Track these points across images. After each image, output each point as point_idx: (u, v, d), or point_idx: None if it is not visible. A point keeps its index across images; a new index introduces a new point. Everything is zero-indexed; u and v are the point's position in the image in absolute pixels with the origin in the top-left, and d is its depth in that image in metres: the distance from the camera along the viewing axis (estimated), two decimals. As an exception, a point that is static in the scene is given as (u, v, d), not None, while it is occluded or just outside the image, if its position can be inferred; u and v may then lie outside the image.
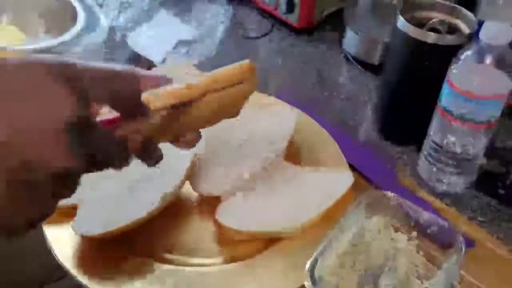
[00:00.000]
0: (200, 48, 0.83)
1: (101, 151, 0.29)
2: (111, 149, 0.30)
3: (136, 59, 0.81)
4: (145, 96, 0.34)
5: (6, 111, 0.24)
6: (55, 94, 0.26)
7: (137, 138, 0.34)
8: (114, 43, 0.84)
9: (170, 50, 0.82)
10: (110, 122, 0.32)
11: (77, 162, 0.27)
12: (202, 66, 0.77)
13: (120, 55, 0.83)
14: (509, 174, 0.63)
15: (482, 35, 0.49)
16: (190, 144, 0.41)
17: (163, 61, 0.80)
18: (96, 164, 0.29)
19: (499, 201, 0.60)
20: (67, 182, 0.28)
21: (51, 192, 0.27)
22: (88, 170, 0.29)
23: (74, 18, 0.70)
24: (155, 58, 0.80)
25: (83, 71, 0.28)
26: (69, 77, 0.27)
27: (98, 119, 0.32)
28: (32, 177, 0.25)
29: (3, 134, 0.24)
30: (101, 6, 0.80)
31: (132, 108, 0.32)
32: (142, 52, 0.81)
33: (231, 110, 0.46)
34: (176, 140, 0.40)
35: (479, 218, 0.58)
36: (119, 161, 0.31)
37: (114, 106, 0.31)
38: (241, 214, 0.51)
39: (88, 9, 0.74)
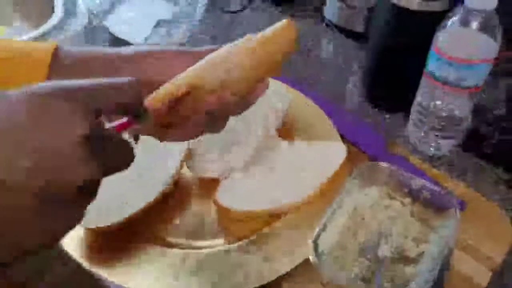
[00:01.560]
0: (180, 27, 0.82)
1: (115, 156, 0.30)
2: (123, 152, 0.31)
3: (116, 42, 0.80)
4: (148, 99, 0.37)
5: (23, 140, 0.26)
6: (64, 114, 0.27)
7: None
8: (93, 27, 0.82)
9: (150, 31, 0.80)
10: (121, 126, 0.34)
11: (96, 171, 0.28)
12: (184, 45, 0.76)
13: (100, 39, 0.81)
14: (494, 133, 0.65)
15: (468, 0, 0.50)
16: (247, 104, 0.41)
17: (145, 42, 0.79)
18: (111, 168, 0.30)
19: (486, 160, 0.62)
20: (88, 191, 0.29)
21: (75, 203, 0.28)
22: (105, 175, 0.30)
23: (50, 4, 0.68)
24: (135, 39, 0.78)
25: (84, 88, 0.29)
26: (73, 96, 0.28)
27: (109, 125, 0.33)
28: (57, 192, 0.27)
29: (25, 161, 0.26)
30: (76, -11, 0.78)
31: (137, 112, 0.34)
32: (122, 35, 0.79)
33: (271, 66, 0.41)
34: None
35: (468, 179, 0.60)
36: (129, 161, 0.32)
37: (120, 113, 0.33)
38: (239, 194, 0.52)
39: (64, -6, 0.71)
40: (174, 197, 0.53)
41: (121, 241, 0.49)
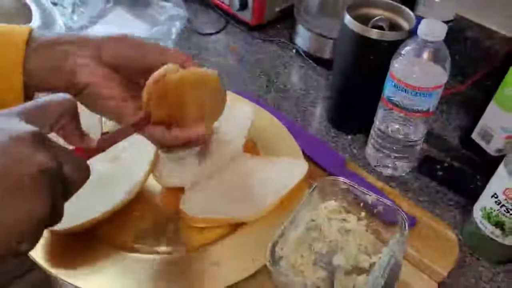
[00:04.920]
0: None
1: (70, 165, 0.32)
2: (78, 165, 0.33)
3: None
4: None
5: None
6: (14, 121, 0.30)
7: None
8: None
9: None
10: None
11: (49, 159, 0.30)
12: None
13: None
14: (446, 158, 0.69)
15: (420, 31, 0.54)
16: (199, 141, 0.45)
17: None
18: (69, 180, 0.32)
19: (438, 182, 0.66)
20: (49, 182, 0.30)
21: (35, 192, 0.29)
22: (66, 195, 0.33)
23: (29, 18, 0.70)
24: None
25: (28, 110, 0.33)
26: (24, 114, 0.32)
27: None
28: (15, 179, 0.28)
29: None
30: (55, 4, 0.80)
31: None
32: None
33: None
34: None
35: (420, 198, 0.64)
36: (86, 176, 0.34)
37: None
38: (203, 203, 0.54)
39: (42, 8, 0.74)
40: (139, 204, 0.55)
41: (82, 245, 0.51)
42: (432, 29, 0.54)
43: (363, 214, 0.55)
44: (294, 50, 0.88)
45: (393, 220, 0.53)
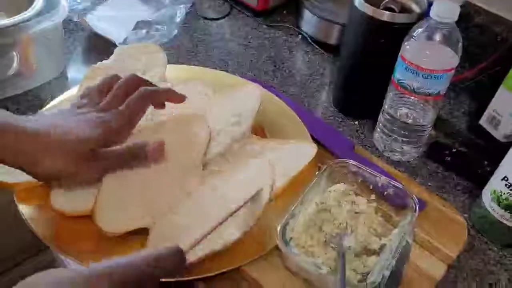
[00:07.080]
0: (160, 29, 0.84)
1: None
2: None
3: (96, 39, 0.81)
4: None
5: None
6: None
7: None
8: (73, 23, 0.83)
9: (130, 31, 0.82)
10: None
11: None
12: (163, 47, 0.77)
13: (80, 36, 0.82)
14: (455, 144, 0.69)
15: (433, 12, 0.54)
16: None
17: (124, 41, 0.80)
18: None
19: (446, 168, 0.65)
20: None
21: None
22: None
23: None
24: (116, 38, 0.80)
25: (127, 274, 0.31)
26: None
27: None
28: None
29: None
30: (58, -15, 0.79)
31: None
32: (102, 32, 0.81)
33: None
34: None
35: (429, 183, 0.63)
36: None
37: None
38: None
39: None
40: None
41: (91, 226, 0.50)
42: (445, 10, 0.53)
43: (372, 196, 0.55)
44: (299, 36, 0.87)
45: (403, 203, 0.53)
